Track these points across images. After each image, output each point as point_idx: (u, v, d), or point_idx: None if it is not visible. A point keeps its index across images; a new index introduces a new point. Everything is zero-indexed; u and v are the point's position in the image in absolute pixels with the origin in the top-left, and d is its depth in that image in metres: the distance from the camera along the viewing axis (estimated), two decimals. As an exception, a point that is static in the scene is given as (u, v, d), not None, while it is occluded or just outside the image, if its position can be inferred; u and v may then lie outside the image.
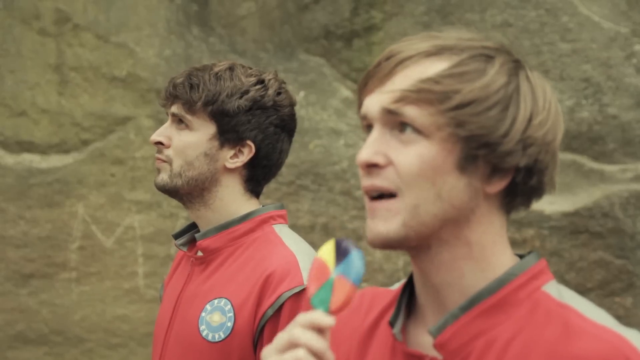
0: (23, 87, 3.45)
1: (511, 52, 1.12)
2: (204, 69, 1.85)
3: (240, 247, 1.84)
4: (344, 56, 3.38)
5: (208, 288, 1.82)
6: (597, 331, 1.05)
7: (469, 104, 1.07)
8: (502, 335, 1.08)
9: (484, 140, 1.07)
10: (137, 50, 3.40)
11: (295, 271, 1.77)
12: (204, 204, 1.85)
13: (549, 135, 1.10)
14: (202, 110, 1.81)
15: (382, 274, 3.30)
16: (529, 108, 1.09)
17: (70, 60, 3.43)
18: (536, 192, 1.13)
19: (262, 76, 1.85)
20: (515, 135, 1.08)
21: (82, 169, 3.44)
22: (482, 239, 1.12)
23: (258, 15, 3.41)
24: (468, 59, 1.09)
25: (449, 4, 3.29)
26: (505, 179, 1.10)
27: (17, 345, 3.47)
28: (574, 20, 3.21)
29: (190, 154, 1.82)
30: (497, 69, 1.09)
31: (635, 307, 3.19)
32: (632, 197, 3.18)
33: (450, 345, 1.10)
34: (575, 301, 1.10)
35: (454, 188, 1.09)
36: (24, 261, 3.45)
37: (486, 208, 1.11)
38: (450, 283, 1.12)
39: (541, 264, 1.13)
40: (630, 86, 3.18)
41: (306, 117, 3.34)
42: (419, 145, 1.09)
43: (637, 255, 3.17)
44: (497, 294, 1.10)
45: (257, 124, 1.82)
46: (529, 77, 1.11)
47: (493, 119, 1.08)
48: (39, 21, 3.44)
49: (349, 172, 3.28)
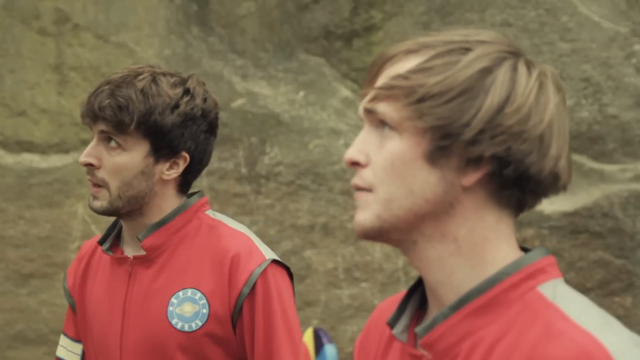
0: (23, 86, 3.45)
1: (504, 43, 1.11)
2: (126, 85, 1.82)
3: (185, 238, 1.86)
4: (343, 56, 3.38)
5: (164, 283, 1.83)
6: (573, 334, 1.03)
7: (431, 97, 1.07)
8: (488, 337, 1.07)
9: (445, 131, 1.07)
10: (137, 50, 3.40)
11: (254, 249, 1.82)
12: (141, 214, 1.85)
13: (524, 124, 1.07)
14: (134, 130, 1.78)
15: (382, 273, 3.30)
16: (501, 96, 1.07)
17: (69, 60, 3.43)
18: (530, 186, 1.09)
19: (187, 85, 1.86)
20: (478, 124, 1.06)
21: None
22: (471, 235, 1.10)
23: (258, 15, 3.41)
24: (442, 53, 1.09)
25: (448, 4, 3.29)
26: (479, 170, 1.08)
27: (16, 345, 3.47)
28: (574, 20, 3.21)
29: (127, 175, 1.81)
30: (470, 60, 1.08)
31: (634, 307, 3.19)
32: (631, 197, 3.18)
33: (438, 345, 1.09)
34: (565, 302, 1.08)
35: (426, 182, 1.09)
36: (24, 261, 3.45)
37: (471, 202, 1.09)
38: (442, 281, 1.11)
39: (542, 262, 1.11)
40: (630, 86, 3.18)
41: (306, 117, 3.34)
42: (391, 142, 1.10)
43: (636, 255, 3.18)
44: (487, 294, 1.08)
45: (190, 135, 1.83)
46: (516, 66, 1.09)
47: (455, 109, 1.07)
48: (39, 21, 3.44)
49: (348, 171, 3.29)
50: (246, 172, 3.33)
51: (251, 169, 3.34)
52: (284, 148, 3.34)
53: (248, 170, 3.33)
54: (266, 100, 3.35)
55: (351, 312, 3.27)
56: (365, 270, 3.31)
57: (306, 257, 3.32)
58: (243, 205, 3.34)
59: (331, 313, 3.29)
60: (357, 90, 3.38)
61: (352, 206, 3.31)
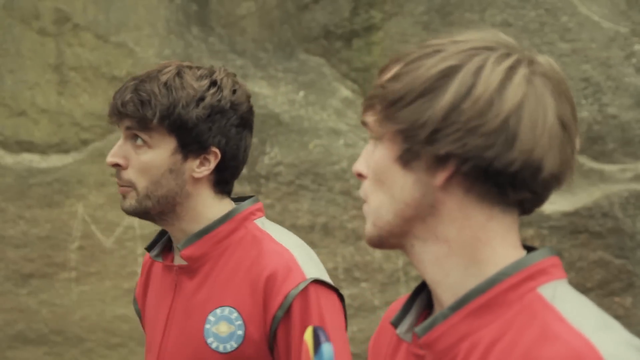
0: (23, 86, 3.45)
1: (483, 40, 1.10)
2: (150, 80, 1.73)
3: (227, 249, 1.75)
4: (343, 56, 3.38)
5: (204, 298, 1.74)
6: (567, 336, 1.02)
7: (396, 102, 1.09)
8: (487, 337, 1.07)
9: (408, 133, 1.08)
10: (137, 50, 3.40)
11: (295, 267, 1.69)
12: (177, 217, 1.76)
13: (481, 119, 1.06)
14: (158, 126, 1.70)
15: (382, 273, 3.30)
16: (458, 93, 1.06)
17: (69, 60, 3.43)
18: (502, 180, 1.07)
19: (214, 76, 1.74)
20: (432, 124, 1.06)
21: (81, 168, 3.44)
22: (460, 236, 1.09)
23: (258, 15, 3.41)
24: (415, 58, 1.09)
25: (448, 4, 3.29)
26: (446, 169, 1.07)
27: (16, 345, 3.47)
28: (574, 20, 3.21)
29: (155, 173, 1.72)
30: (434, 61, 1.08)
31: (634, 307, 3.19)
32: (631, 196, 3.18)
33: (438, 346, 1.09)
34: (564, 303, 1.07)
35: (404, 186, 1.10)
36: (24, 261, 3.45)
37: (453, 202, 1.09)
38: (439, 282, 1.11)
39: (544, 262, 1.10)
40: (629, 86, 3.18)
41: (306, 117, 3.34)
42: (376, 150, 1.12)
43: (636, 255, 3.18)
44: (486, 294, 1.08)
45: (219, 129, 1.72)
46: (484, 62, 1.08)
47: (415, 110, 1.07)
48: (39, 21, 3.44)
49: (348, 171, 3.29)
50: (246, 172, 3.33)
51: (251, 169, 3.34)
52: (284, 148, 3.34)
53: (248, 170, 3.33)
54: (266, 100, 3.35)
55: (351, 312, 3.26)
56: (365, 270, 3.31)
57: (306, 257, 3.32)
58: (243, 205, 3.34)
59: (331, 313, 3.29)
60: (357, 90, 3.38)
61: (352, 206, 3.32)
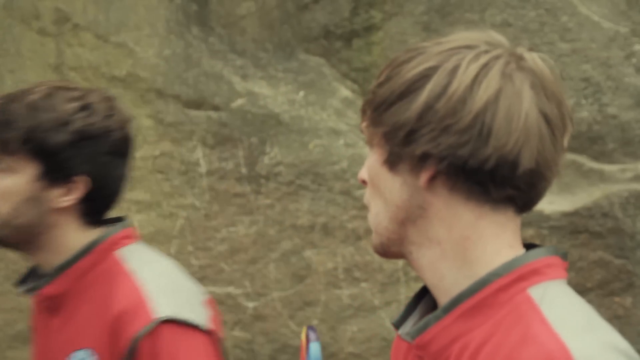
0: (22, 86, 3.45)
1: (466, 39, 1.10)
2: (18, 98, 1.62)
3: (90, 284, 1.60)
4: (343, 56, 3.38)
5: (65, 338, 1.61)
6: (544, 338, 1.02)
7: (379, 105, 1.09)
8: (476, 339, 1.07)
9: (389, 136, 1.09)
10: (137, 50, 3.40)
11: (142, 305, 1.52)
12: (40, 248, 1.63)
13: (453, 117, 1.06)
14: (19, 149, 1.57)
15: (382, 273, 3.30)
16: (433, 93, 1.07)
17: (69, 60, 3.43)
18: (482, 178, 1.07)
19: (88, 99, 1.61)
20: (407, 125, 1.07)
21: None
22: (450, 236, 1.10)
23: (258, 15, 3.41)
24: (400, 62, 1.10)
25: (448, 4, 3.29)
26: (428, 169, 1.08)
27: (16, 345, 3.47)
28: (574, 20, 3.21)
29: (13, 200, 1.58)
30: (414, 64, 1.08)
31: (634, 307, 3.19)
32: (631, 196, 3.18)
33: (431, 347, 1.09)
34: (549, 305, 1.06)
35: (393, 189, 1.11)
36: (24, 261, 3.45)
37: (441, 202, 1.09)
38: (436, 285, 1.12)
39: (538, 263, 1.10)
40: (630, 86, 3.18)
41: (305, 117, 3.34)
42: (370, 156, 1.13)
43: (636, 255, 3.18)
44: (476, 296, 1.08)
45: (87, 157, 1.59)
46: (461, 60, 1.07)
47: (394, 113, 1.08)
48: (39, 21, 3.44)
49: (348, 171, 3.29)
50: (246, 172, 3.33)
51: (251, 169, 3.34)
52: (284, 148, 3.34)
53: (248, 170, 3.33)
54: (266, 100, 3.35)
55: (351, 312, 3.27)
56: (365, 270, 3.31)
57: (306, 257, 3.32)
58: (243, 205, 3.34)
59: (331, 313, 3.29)
60: (357, 90, 3.38)
61: (352, 206, 3.32)
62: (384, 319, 3.27)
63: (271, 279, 3.32)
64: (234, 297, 3.33)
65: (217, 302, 3.36)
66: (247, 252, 3.33)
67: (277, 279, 3.32)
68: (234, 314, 3.32)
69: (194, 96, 3.36)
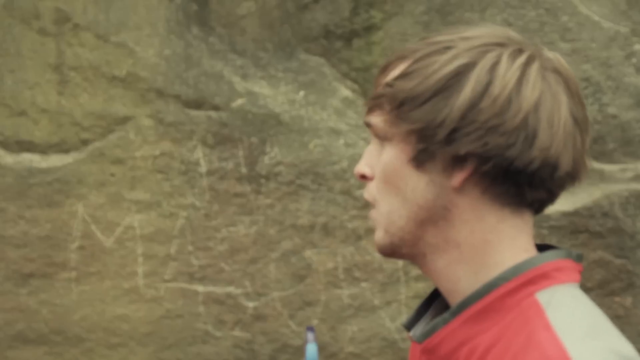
0: (23, 86, 3.45)
1: (493, 35, 1.08)
2: None
3: None
4: (343, 56, 3.38)
5: None
6: (546, 345, 1.01)
7: (408, 101, 1.06)
8: (483, 343, 1.05)
9: (423, 133, 1.05)
10: (137, 50, 3.40)
11: None
12: None
13: (501, 117, 1.04)
14: None
15: (382, 273, 3.30)
16: (476, 92, 1.05)
17: (70, 60, 3.43)
18: (522, 179, 1.06)
19: None
20: (451, 123, 1.04)
21: (81, 168, 3.43)
22: (471, 239, 1.08)
23: (258, 14, 3.40)
24: (423, 55, 1.07)
25: (448, 4, 3.29)
26: (465, 170, 1.06)
27: (16, 345, 3.47)
28: (574, 20, 3.21)
29: None
30: (446, 59, 1.06)
31: (634, 307, 3.19)
32: (631, 196, 3.18)
33: (439, 351, 1.08)
34: (555, 310, 1.05)
35: (416, 187, 1.07)
36: (24, 261, 3.45)
37: (467, 204, 1.07)
38: (451, 290, 1.10)
39: (547, 266, 1.08)
40: (630, 86, 3.18)
41: (306, 117, 3.34)
42: (384, 152, 1.09)
43: (636, 254, 3.17)
44: (484, 300, 1.06)
45: None
46: (498, 58, 1.06)
47: (429, 110, 1.05)
48: (39, 21, 3.44)
49: (348, 171, 3.28)
50: (246, 171, 3.33)
51: (251, 169, 3.34)
52: (284, 148, 3.34)
53: (248, 170, 3.33)
54: (266, 100, 3.35)
55: (351, 312, 3.27)
56: (365, 270, 3.31)
57: (306, 257, 3.32)
58: (243, 205, 3.34)
59: (331, 313, 3.29)
60: (357, 90, 3.38)
61: (352, 206, 3.32)
62: (384, 318, 3.27)
63: (271, 278, 3.32)
64: (234, 297, 3.33)
65: (217, 302, 3.37)
66: (247, 251, 3.33)
67: (277, 279, 3.32)
68: (234, 314, 3.32)
69: (194, 96, 3.36)
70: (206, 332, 3.34)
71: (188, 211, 3.35)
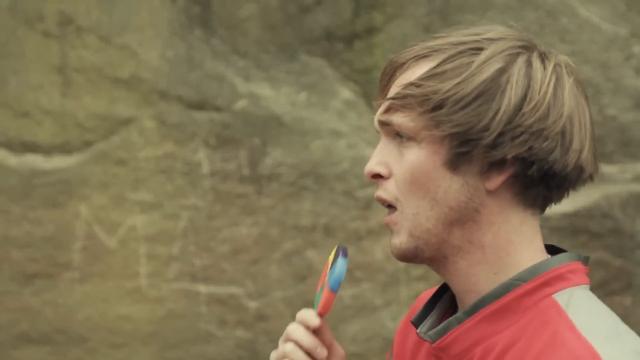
0: (26, 88, 3.47)
1: (516, 38, 1.09)
2: None
3: None
4: (345, 57, 3.39)
5: None
6: (574, 344, 1.02)
7: (446, 103, 1.05)
8: (500, 343, 1.06)
9: (465, 137, 1.05)
10: (140, 52, 3.41)
11: None
12: None
13: (544, 122, 1.05)
14: None
15: (383, 273, 3.31)
16: (518, 95, 1.05)
17: (73, 62, 3.45)
18: (555, 182, 1.08)
19: None
20: (497, 127, 1.04)
21: (85, 169, 3.45)
22: (496, 240, 1.08)
23: (260, 16, 3.42)
24: (453, 55, 1.06)
25: (449, 6, 3.30)
26: (503, 173, 1.06)
27: (20, 344, 3.48)
28: (574, 22, 3.22)
29: None
30: (483, 61, 1.06)
31: (634, 307, 3.20)
32: (631, 197, 3.19)
33: (452, 350, 1.08)
34: (576, 311, 1.06)
35: (449, 189, 1.07)
36: (28, 261, 3.46)
37: (496, 206, 1.08)
38: (468, 290, 1.10)
39: (562, 268, 1.09)
40: (629, 87, 3.19)
41: (307, 118, 3.35)
42: (411, 152, 1.07)
43: (636, 255, 3.19)
44: (500, 300, 1.07)
45: None
46: (530, 62, 1.07)
47: (471, 114, 1.05)
48: (43, 23, 3.45)
49: (350, 172, 3.30)
50: (248, 173, 3.34)
51: (253, 170, 3.35)
52: (286, 149, 3.35)
53: (250, 171, 3.34)
54: (268, 102, 3.36)
55: (352, 312, 3.28)
56: (366, 270, 3.32)
57: (308, 258, 3.33)
58: (245, 205, 3.35)
59: (332, 313, 3.30)
60: (358, 91, 3.39)
61: (354, 207, 3.33)
62: (385, 319, 3.28)
63: (273, 279, 3.33)
64: (236, 297, 3.35)
65: (219, 302, 3.38)
66: (249, 252, 3.34)
67: (279, 279, 3.33)
68: (236, 314, 3.33)
69: (196, 97, 3.37)
70: (208, 332, 3.35)
71: (190, 212, 3.36)
